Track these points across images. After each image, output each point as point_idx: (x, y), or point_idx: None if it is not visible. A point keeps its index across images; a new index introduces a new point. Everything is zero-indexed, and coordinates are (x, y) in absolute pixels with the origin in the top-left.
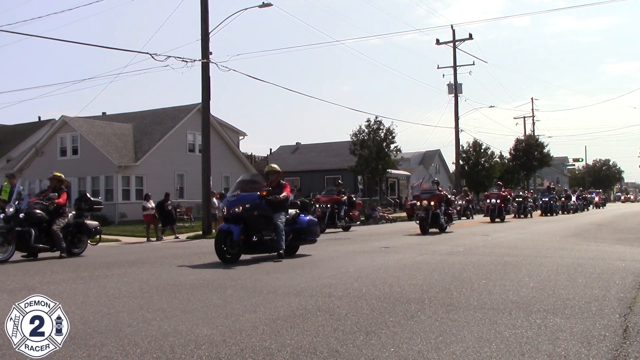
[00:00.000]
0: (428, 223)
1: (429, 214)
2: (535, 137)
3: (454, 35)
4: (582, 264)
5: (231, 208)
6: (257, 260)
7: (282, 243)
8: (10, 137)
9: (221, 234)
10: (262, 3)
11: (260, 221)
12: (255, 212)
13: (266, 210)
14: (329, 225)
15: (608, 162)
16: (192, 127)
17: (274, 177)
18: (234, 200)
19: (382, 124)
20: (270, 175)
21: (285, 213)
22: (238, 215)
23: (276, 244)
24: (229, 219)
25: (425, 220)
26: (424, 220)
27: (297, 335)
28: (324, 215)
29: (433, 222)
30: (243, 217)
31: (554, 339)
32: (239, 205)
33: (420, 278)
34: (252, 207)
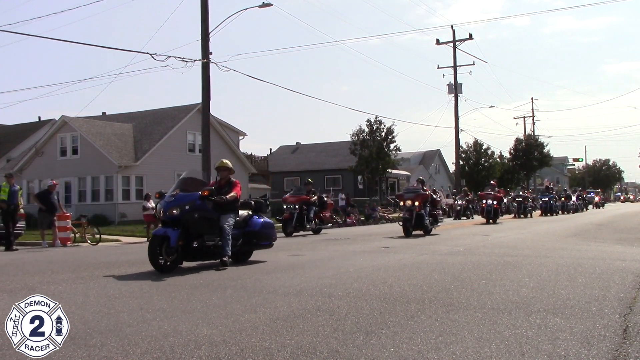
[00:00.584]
0: (412, 225)
1: (412, 215)
2: (535, 137)
3: (454, 35)
4: (582, 264)
5: (168, 210)
6: (207, 266)
7: (228, 249)
8: (10, 137)
9: (156, 240)
10: (262, 3)
11: (201, 224)
12: (195, 215)
13: (209, 212)
14: (297, 227)
15: (608, 162)
16: (192, 127)
17: (224, 174)
18: (172, 201)
19: (382, 123)
20: (220, 172)
21: (234, 215)
22: (176, 218)
23: (221, 249)
24: (167, 222)
25: (409, 221)
26: (407, 222)
27: (297, 335)
28: (292, 216)
29: (417, 224)
30: (182, 221)
31: (554, 339)
32: (177, 206)
33: (420, 278)
34: (192, 208)
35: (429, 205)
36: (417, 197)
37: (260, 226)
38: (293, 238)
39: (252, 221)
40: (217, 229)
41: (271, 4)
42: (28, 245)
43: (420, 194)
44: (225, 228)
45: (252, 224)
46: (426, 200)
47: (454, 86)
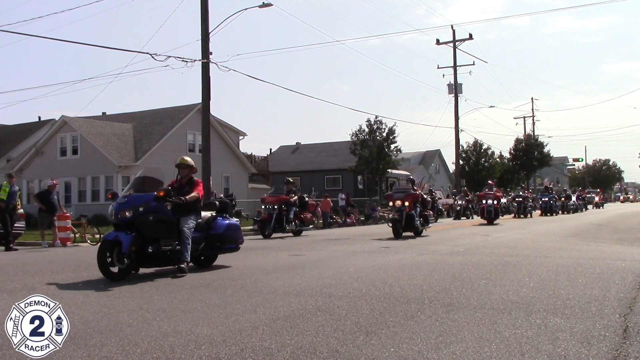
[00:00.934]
0: (402, 226)
1: (402, 216)
2: (535, 137)
3: (454, 35)
4: (582, 264)
5: (119, 212)
6: (164, 273)
7: (187, 254)
8: (10, 137)
9: (105, 245)
10: (262, 3)
11: (157, 228)
12: (150, 217)
13: (166, 215)
14: (276, 229)
15: (608, 162)
16: (192, 127)
17: (185, 172)
18: (124, 203)
19: (382, 123)
20: (181, 170)
21: (195, 217)
22: (129, 221)
23: (179, 254)
24: (119, 226)
25: (399, 222)
26: (397, 223)
27: (297, 335)
28: (270, 217)
29: (407, 225)
30: (135, 224)
31: (554, 339)
32: (130, 209)
33: (420, 278)
34: (147, 210)
35: (419, 206)
36: (407, 197)
37: (225, 228)
38: (272, 240)
39: (216, 223)
40: (176, 233)
41: (271, 4)
42: (28, 245)
43: (410, 194)
44: (184, 231)
45: (215, 226)
46: (416, 200)
47: (454, 86)
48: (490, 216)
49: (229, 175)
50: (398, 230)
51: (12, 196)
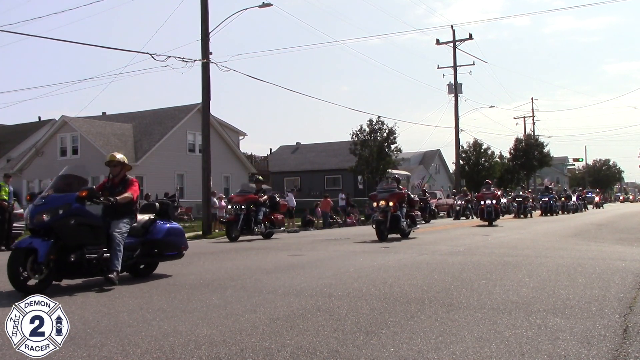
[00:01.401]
0: (387, 227)
1: (387, 217)
2: (535, 137)
3: (454, 35)
4: (582, 264)
5: (36, 216)
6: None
7: (117, 262)
8: (10, 137)
9: (18, 253)
10: (262, 3)
11: (80, 233)
12: (72, 221)
13: (91, 218)
14: (244, 231)
15: (608, 162)
16: (192, 127)
17: (116, 170)
18: (41, 205)
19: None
20: (112, 168)
21: (129, 220)
22: (47, 225)
23: (109, 263)
24: (36, 231)
25: (383, 223)
26: (381, 224)
27: (297, 335)
28: (237, 218)
29: (393, 227)
30: (54, 229)
31: (554, 339)
32: (47, 211)
33: (420, 278)
34: (68, 213)
35: (405, 206)
36: (392, 197)
37: (165, 233)
38: (239, 243)
39: (155, 227)
40: (105, 238)
41: (271, 4)
42: None
43: (395, 193)
44: (114, 236)
45: (154, 230)
46: (402, 200)
47: (454, 86)
48: (490, 217)
49: (229, 175)
50: (382, 232)
51: (11, 196)
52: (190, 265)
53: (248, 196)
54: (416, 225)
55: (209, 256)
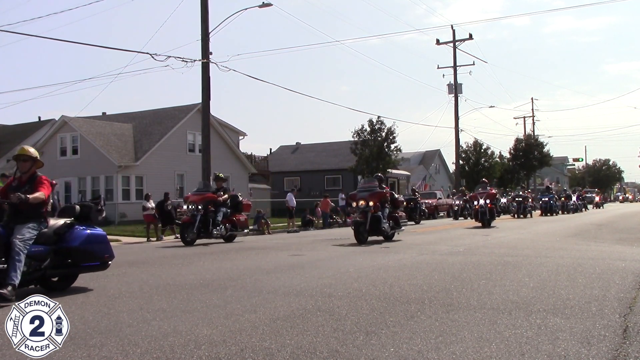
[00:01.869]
0: (366, 229)
1: (367, 218)
2: (535, 137)
3: (454, 35)
4: (582, 264)
5: None
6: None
7: (15, 274)
8: (10, 137)
9: None
10: (262, 3)
11: None
12: None
13: None
14: (201, 233)
15: (608, 162)
16: (192, 127)
17: (26, 166)
18: None
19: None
20: (20, 164)
21: (36, 225)
22: None
23: (4, 275)
24: None
25: (363, 225)
26: (360, 226)
27: (297, 335)
28: (193, 220)
29: (373, 228)
30: None
31: (554, 339)
32: None
33: (420, 278)
34: None
35: (388, 206)
36: (373, 197)
37: (84, 240)
38: (195, 247)
39: (72, 234)
40: (2, 246)
41: (271, 4)
42: None
43: (376, 193)
44: (14, 244)
45: (70, 237)
46: (384, 200)
47: (454, 86)
48: (484, 218)
49: (229, 175)
50: (362, 234)
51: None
52: (190, 265)
53: (205, 195)
54: (400, 227)
55: (209, 256)
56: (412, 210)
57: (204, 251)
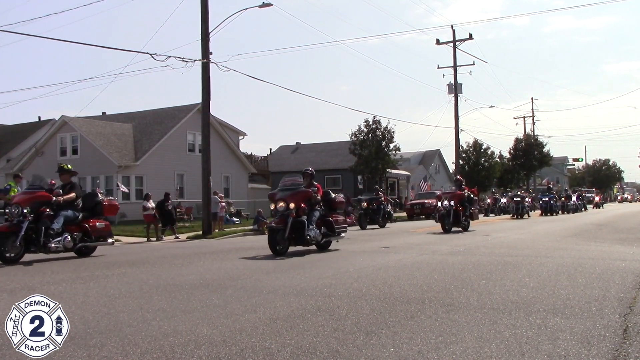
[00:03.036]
0: (285, 237)
1: (286, 223)
2: (535, 137)
3: (454, 35)
4: (582, 264)
5: None
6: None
7: None
8: (10, 137)
9: None
10: (262, 3)
11: None
12: None
13: None
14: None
15: (608, 162)
16: (192, 127)
17: None
18: None
19: (380, 123)
20: None
21: None
22: None
23: None
24: None
25: (281, 232)
26: (276, 233)
27: (297, 335)
28: (17, 229)
29: (294, 236)
30: None
31: (554, 339)
32: None
33: (420, 278)
34: None
35: (320, 209)
36: (295, 197)
37: None
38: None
39: None
40: None
41: (271, 4)
42: None
43: (299, 192)
44: None
45: None
46: (311, 201)
47: (454, 86)
48: (446, 221)
49: (229, 175)
50: (277, 244)
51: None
52: (190, 265)
53: (36, 194)
54: (336, 234)
55: (209, 256)
56: (375, 212)
57: (203, 251)
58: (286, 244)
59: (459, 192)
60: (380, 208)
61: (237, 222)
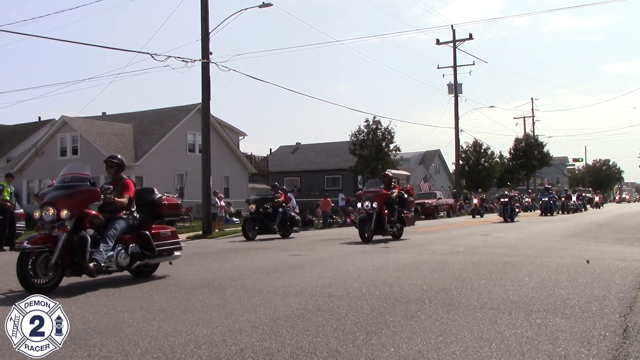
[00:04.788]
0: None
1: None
2: (535, 137)
3: (454, 35)
4: (582, 264)
5: None
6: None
7: None
8: (10, 137)
9: None
10: (262, 3)
11: None
12: None
13: None
14: None
15: (608, 162)
16: (192, 127)
17: None
18: None
19: (380, 123)
20: None
21: None
22: None
23: None
24: None
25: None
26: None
27: (297, 335)
28: None
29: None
30: None
31: (554, 338)
32: None
33: (420, 278)
34: None
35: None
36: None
37: None
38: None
39: None
40: None
41: (271, 4)
42: None
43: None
44: None
45: None
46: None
47: (454, 86)
48: (366, 227)
49: (229, 175)
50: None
51: (12, 196)
52: (190, 265)
53: None
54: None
55: (209, 256)
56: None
57: (203, 251)
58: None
59: (384, 192)
60: (278, 212)
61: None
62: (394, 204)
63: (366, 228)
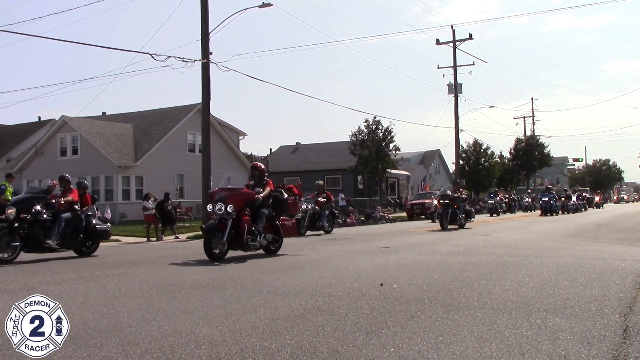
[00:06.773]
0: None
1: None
2: (535, 137)
3: (454, 35)
4: (582, 264)
5: None
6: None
7: None
8: (10, 137)
9: None
10: (262, 3)
11: None
12: None
13: None
14: None
15: (608, 162)
16: (192, 127)
17: None
18: None
19: (380, 123)
20: None
21: None
22: None
23: None
24: None
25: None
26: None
27: (297, 335)
28: None
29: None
30: None
31: (554, 338)
32: None
33: (420, 278)
34: None
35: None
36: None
37: None
38: None
39: None
40: None
41: (271, 4)
42: None
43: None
44: None
45: None
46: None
47: (454, 86)
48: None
49: (229, 175)
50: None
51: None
52: (190, 266)
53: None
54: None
55: None
56: None
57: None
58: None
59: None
60: None
61: None
62: (262, 207)
63: (215, 241)
